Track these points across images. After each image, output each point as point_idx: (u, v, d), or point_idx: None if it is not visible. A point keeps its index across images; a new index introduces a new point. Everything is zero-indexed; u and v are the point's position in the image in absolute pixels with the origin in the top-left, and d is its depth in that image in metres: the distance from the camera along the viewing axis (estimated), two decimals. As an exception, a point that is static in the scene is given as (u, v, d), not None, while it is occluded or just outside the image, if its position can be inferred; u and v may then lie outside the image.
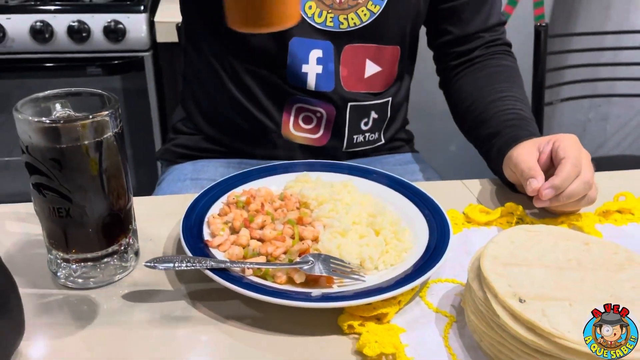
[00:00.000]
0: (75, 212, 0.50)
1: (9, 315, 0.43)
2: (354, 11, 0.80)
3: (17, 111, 0.47)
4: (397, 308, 0.51)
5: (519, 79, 0.84)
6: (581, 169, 0.62)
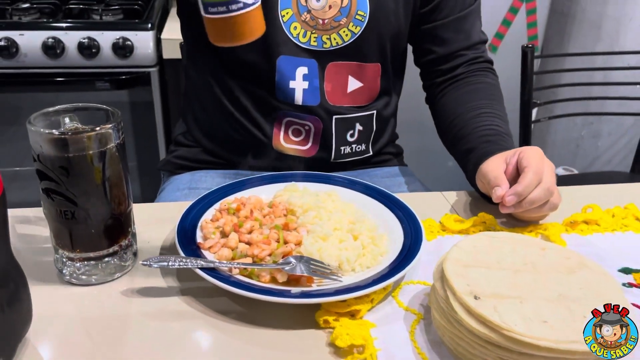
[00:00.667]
0: (80, 214, 0.55)
1: (19, 305, 0.48)
2: (336, 32, 0.86)
3: (30, 124, 0.53)
4: (370, 306, 0.56)
5: (499, 95, 0.89)
6: (542, 177, 0.67)
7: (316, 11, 0.84)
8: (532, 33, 1.87)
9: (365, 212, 0.69)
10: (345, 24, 0.85)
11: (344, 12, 0.85)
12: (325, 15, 0.84)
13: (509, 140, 0.80)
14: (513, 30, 1.86)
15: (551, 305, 0.48)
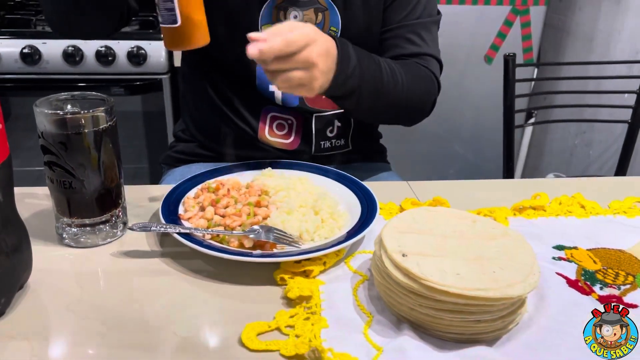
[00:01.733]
0: (77, 185, 0.65)
1: (20, 254, 0.58)
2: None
3: (36, 106, 0.63)
4: (322, 268, 0.65)
5: (408, 66, 0.92)
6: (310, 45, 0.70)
7: None
8: (527, 45, 1.95)
9: (330, 194, 0.78)
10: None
11: (318, 27, 0.94)
12: None
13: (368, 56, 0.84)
14: (508, 42, 1.94)
15: (467, 263, 0.56)
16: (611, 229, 0.78)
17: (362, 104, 0.85)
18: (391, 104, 0.89)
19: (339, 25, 0.93)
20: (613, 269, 0.68)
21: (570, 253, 0.71)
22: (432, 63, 0.97)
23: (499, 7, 1.88)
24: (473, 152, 2.07)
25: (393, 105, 0.90)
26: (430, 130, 2.00)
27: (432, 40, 0.98)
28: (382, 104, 0.88)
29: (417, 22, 0.95)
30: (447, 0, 1.85)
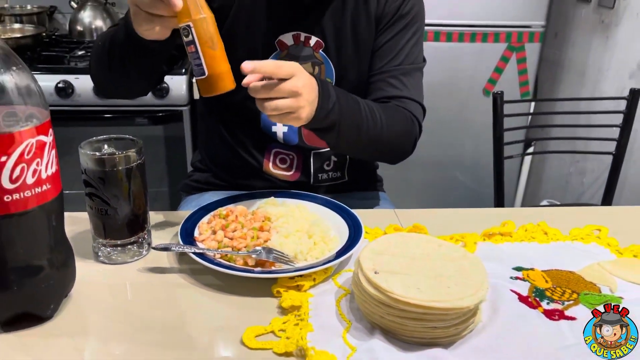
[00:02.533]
0: (111, 212, 0.79)
1: (67, 268, 0.72)
2: None
3: (81, 148, 0.78)
4: (312, 283, 0.78)
5: (388, 108, 1.02)
6: (296, 76, 0.80)
7: None
8: (523, 79, 2.08)
9: (323, 220, 0.91)
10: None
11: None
12: None
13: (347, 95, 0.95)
14: (505, 76, 2.06)
15: (428, 280, 0.69)
16: (567, 253, 0.89)
17: (342, 138, 0.95)
18: (371, 140, 0.99)
19: (333, 76, 1.07)
20: (561, 287, 0.80)
21: (526, 273, 0.83)
22: (413, 105, 1.06)
23: (495, 44, 2.02)
24: (473, 179, 2.18)
25: (372, 142, 1.00)
26: (432, 158, 2.12)
27: (414, 85, 1.09)
28: (362, 140, 0.98)
29: (399, 68, 1.07)
30: (447, 38, 1.99)
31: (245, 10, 1.02)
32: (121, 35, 0.91)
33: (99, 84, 1.06)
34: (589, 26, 2.00)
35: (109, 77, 1.01)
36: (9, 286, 0.65)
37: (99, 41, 1.00)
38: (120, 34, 0.92)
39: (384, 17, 1.07)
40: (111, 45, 0.95)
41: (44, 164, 0.63)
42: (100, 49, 0.99)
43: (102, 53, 0.97)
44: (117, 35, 0.93)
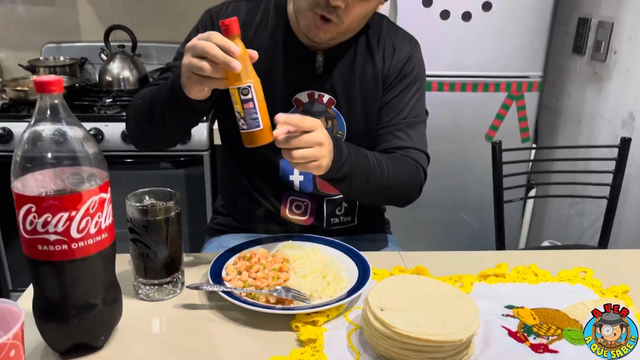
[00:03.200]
0: (152, 255, 0.91)
1: (116, 304, 0.83)
2: None
3: (127, 199, 0.91)
4: (326, 319, 0.89)
5: (394, 158, 1.14)
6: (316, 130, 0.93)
7: None
8: (523, 126, 2.20)
9: (336, 262, 1.02)
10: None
11: (328, 132, 1.21)
12: None
13: (357, 149, 1.07)
14: (506, 123, 2.19)
15: (426, 316, 0.79)
16: (554, 293, 1.00)
17: (354, 187, 1.07)
18: (379, 187, 1.10)
19: (344, 129, 1.20)
20: (547, 324, 0.90)
21: (517, 311, 0.93)
22: (417, 154, 1.18)
23: (496, 93, 2.15)
24: (478, 220, 2.28)
25: (381, 189, 1.11)
26: (438, 200, 2.23)
27: (418, 136, 1.21)
28: (371, 188, 1.09)
29: (404, 121, 1.19)
30: (450, 88, 2.13)
31: (265, 73, 1.15)
32: (164, 95, 1.04)
33: (137, 138, 1.18)
34: (583, 77, 2.13)
35: (148, 133, 1.14)
36: (70, 320, 0.77)
37: (137, 99, 1.13)
38: (162, 94, 1.04)
39: (389, 77, 1.20)
40: (152, 103, 1.07)
41: (103, 217, 0.75)
42: (140, 106, 1.11)
43: (143, 111, 1.10)
44: (159, 96, 1.05)
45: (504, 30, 2.06)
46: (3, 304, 0.67)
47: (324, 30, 1.06)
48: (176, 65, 1.14)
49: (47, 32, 2.50)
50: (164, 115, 1.06)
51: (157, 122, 1.08)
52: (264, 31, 1.17)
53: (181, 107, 1.01)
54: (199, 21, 1.20)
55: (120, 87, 2.33)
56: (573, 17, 2.19)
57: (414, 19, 1.99)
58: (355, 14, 1.05)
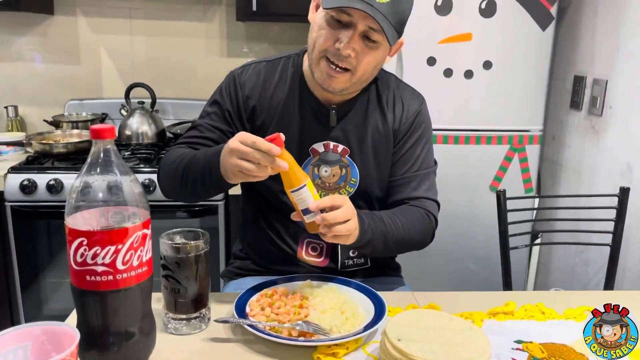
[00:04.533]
0: (182, 290, 0.98)
1: (151, 335, 0.89)
2: (338, 191, 1.29)
3: (161, 238, 0.98)
4: (345, 351, 0.94)
5: (406, 210, 1.25)
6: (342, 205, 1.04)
7: (325, 178, 1.28)
8: (526, 177, 2.28)
9: (353, 299, 1.08)
10: (343, 186, 1.29)
11: (342, 179, 1.29)
12: (330, 180, 1.29)
13: (372, 214, 1.17)
14: (509, 174, 2.27)
15: (441, 346, 0.85)
16: (561, 329, 1.05)
17: (375, 249, 1.17)
18: (396, 243, 1.20)
19: (357, 177, 1.28)
20: (555, 357, 0.95)
21: (526, 346, 0.99)
22: (429, 203, 1.28)
23: (499, 146, 2.25)
24: (485, 268, 2.33)
25: (398, 244, 1.21)
26: (446, 248, 2.29)
27: (429, 186, 1.31)
28: (390, 246, 1.19)
29: (416, 173, 1.29)
30: (454, 141, 2.23)
31: (283, 126, 1.25)
32: (199, 169, 1.11)
33: (168, 194, 1.27)
34: (581, 131, 2.23)
35: (178, 192, 1.22)
36: (110, 349, 0.83)
37: (170, 163, 1.21)
38: (197, 168, 1.12)
39: (400, 132, 1.30)
40: (185, 171, 1.15)
41: (145, 251, 0.83)
42: (172, 171, 1.19)
43: (175, 174, 1.18)
44: (193, 167, 1.13)
45: (504, 87, 2.18)
46: (58, 326, 0.74)
47: (338, 81, 1.16)
48: (201, 125, 1.27)
49: (71, 89, 2.65)
50: (196, 184, 1.15)
51: (190, 188, 1.17)
52: (282, 89, 1.27)
53: (215, 182, 1.10)
54: (223, 83, 1.30)
55: (139, 141, 2.43)
56: (569, 75, 2.32)
57: (419, 77, 2.11)
58: (366, 63, 1.15)
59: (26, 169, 2.12)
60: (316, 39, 1.16)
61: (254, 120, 1.27)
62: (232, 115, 1.26)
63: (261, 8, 2.31)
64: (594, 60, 2.15)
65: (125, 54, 2.65)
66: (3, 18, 2.54)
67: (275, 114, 1.26)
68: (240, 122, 1.27)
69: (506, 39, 2.13)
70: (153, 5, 2.61)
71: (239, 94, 1.26)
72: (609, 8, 2.07)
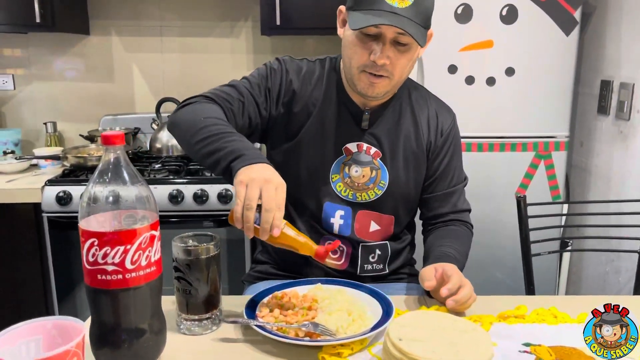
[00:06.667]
0: (193, 292, 1.01)
1: (161, 333, 0.93)
2: (366, 192, 1.32)
3: (174, 241, 1.02)
4: (350, 352, 0.95)
5: (458, 235, 1.32)
6: (462, 281, 1.06)
7: (354, 178, 1.32)
8: (553, 184, 2.25)
9: (361, 302, 1.10)
10: (372, 187, 1.32)
11: (372, 180, 1.32)
12: (359, 180, 1.32)
13: (449, 259, 1.21)
14: (535, 181, 2.24)
15: (442, 346, 0.86)
16: (573, 333, 1.03)
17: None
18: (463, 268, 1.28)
19: (387, 179, 1.32)
20: (563, 359, 0.94)
21: (534, 348, 0.98)
22: (465, 215, 1.40)
23: (524, 152, 2.22)
24: (512, 277, 2.29)
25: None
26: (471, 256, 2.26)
27: (462, 199, 1.41)
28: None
29: (456, 188, 1.39)
30: (478, 149, 2.22)
31: (320, 121, 1.31)
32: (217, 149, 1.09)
33: (174, 131, 1.24)
34: (609, 136, 2.19)
35: (185, 139, 1.18)
36: (121, 346, 0.87)
37: (202, 114, 1.16)
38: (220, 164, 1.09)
39: (436, 146, 1.36)
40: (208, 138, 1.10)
41: (153, 252, 0.87)
42: (198, 123, 1.14)
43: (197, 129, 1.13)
44: (214, 142, 1.10)
45: (528, 93, 2.16)
46: (68, 320, 0.78)
47: (379, 86, 1.22)
48: (239, 86, 1.27)
49: (106, 105, 2.76)
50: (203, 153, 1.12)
51: (195, 150, 1.14)
52: (320, 86, 1.32)
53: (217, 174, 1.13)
54: (267, 63, 1.33)
55: (168, 154, 2.51)
56: (596, 79, 2.28)
57: (440, 85, 2.11)
58: (402, 66, 1.21)
59: (62, 182, 2.21)
60: (351, 56, 1.22)
61: (292, 105, 1.31)
62: (271, 93, 1.30)
63: (285, 22, 2.37)
64: (620, 63, 2.11)
65: (157, 71, 2.75)
66: (44, 39, 2.68)
67: (313, 108, 1.31)
68: (275, 104, 1.30)
69: (529, 45, 2.12)
70: (182, 23, 2.71)
71: (283, 75, 1.31)
72: (635, 11, 2.03)
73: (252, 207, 0.98)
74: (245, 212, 0.98)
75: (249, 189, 0.99)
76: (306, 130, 1.30)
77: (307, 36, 2.68)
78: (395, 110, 1.34)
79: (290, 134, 1.31)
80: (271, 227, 0.99)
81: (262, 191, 0.99)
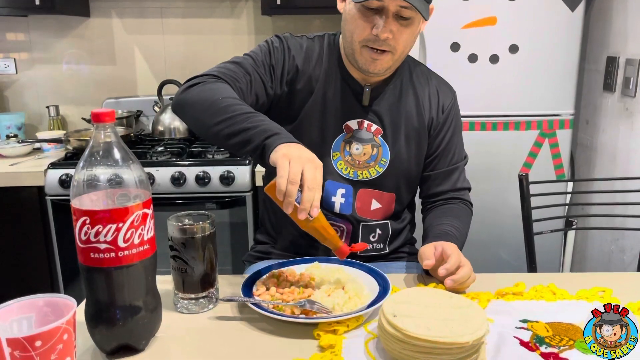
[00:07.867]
0: (189, 270, 1.01)
1: (156, 312, 0.93)
2: (367, 170, 1.31)
3: (169, 220, 1.02)
4: (346, 328, 0.95)
5: (459, 213, 1.31)
6: (462, 260, 1.05)
7: (355, 155, 1.31)
8: (557, 163, 2.22)
9: (358, 280, 1.09)
10: (373, 165, 1.31)
11: (373, 158, 1.31)
12: (360, 158, 1.31)
13: (449, 238, 1.20)
14: (540, 160, 2.22)
15: (436, 322, 0.85)
16: (571, 310, 1.03)
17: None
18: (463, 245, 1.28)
19: (388, 157, 1.31)
20: (560, 335, 0.93)
21: (531, 325, 0.97)
22: (465, 194, 1.39)
23: (528, 131, 2.20)
24: (516, 257, 2.28)
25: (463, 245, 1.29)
26: (475, 236, 2.24)
27: (462, 177, 1.39)
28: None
29: (456, 165, 1.37)
30: (481, 127, 2.20)
31: (322, 99, 1.29)
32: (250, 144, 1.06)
33: (182, 115, 1.21)
34: (615, 114, 2.15)
35: (200, 122, 1.15)
36: (116, 323, 0.87)
37: (217, 94, 1.13)
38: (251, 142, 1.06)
39: (437, 124, 1.35)
40: (230, 118, 1.08)
41: (146, 230, 0.87)
42: (215, 104, 1.10)
43: (215, 111, 1.09)
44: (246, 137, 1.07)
45: (532, 71, 2.13)
46: (60, 298, 0.78)
47: (381, 62, 1.21)
48: (243, 63, 1.24)
49: (108, 88, 2.75)
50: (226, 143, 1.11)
51: (214, 133, 1.11)
52: (320, 65, 1.31)
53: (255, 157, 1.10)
54: (267, 40, 1.31)
55: (170, 136, 2.51)
56: (602, 56, 2.24)
57: (443, 63, 2.08)
58: (404, 40, 1.19)
59: (64, 165, 2.22)
60: (353, 30, 1.20)
61: (295, 84, 1.29)
62: (275, 71, 1.27)
63: (285, 1, 2.34)
64: (627, 39, 2.07)
65: (158, 53, 2.74)
66: (45, 22, 2.67)
67: (314, 85, 1.29)
68: (280, 83, 1.28)
69: (533, 21, 2.08)
70: (183, 4, 2.68)
71: (286, 53, 1.29)
72: (641, -16, 1.99)
73: (296, 182, 0.96)
74: (289, 186, 0.96)
75: (293, 164, 0.98)
76: (308, 108, 1.29)
77: (308, 15, 2.65)
78: (396, 87, 1.33)
79: (293, 112, 1.30)
80: (311, 207, 0.97)
81: (305, 170, 0.97)
